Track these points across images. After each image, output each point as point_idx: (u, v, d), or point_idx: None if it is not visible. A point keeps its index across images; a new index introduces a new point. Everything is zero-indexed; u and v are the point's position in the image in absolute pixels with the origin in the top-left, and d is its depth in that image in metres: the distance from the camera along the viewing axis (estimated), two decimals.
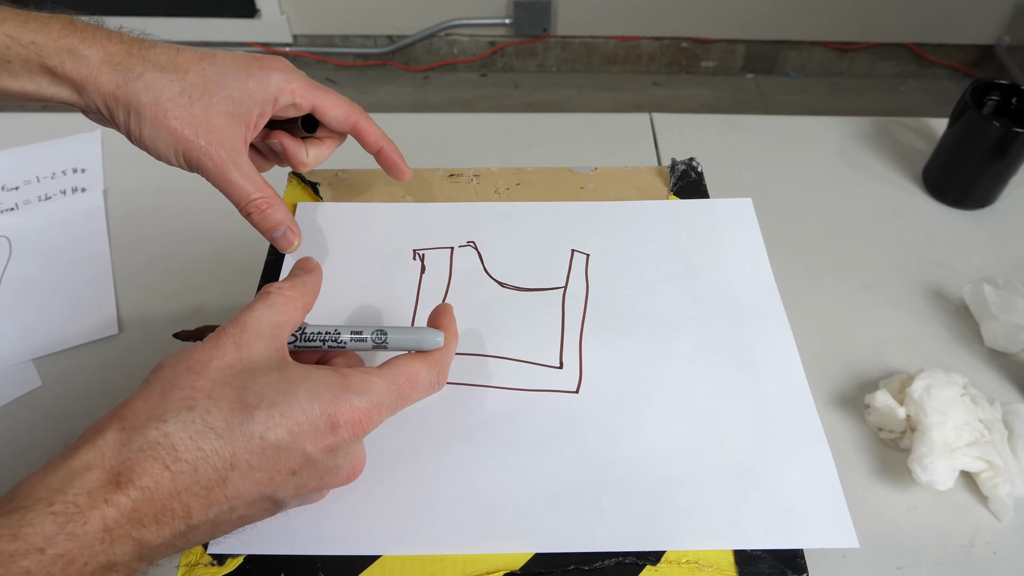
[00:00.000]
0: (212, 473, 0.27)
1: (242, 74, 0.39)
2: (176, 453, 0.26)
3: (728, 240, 0.48)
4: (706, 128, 0.73)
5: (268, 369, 0.30)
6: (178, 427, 0.27)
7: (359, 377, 0.31)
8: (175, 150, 0.38)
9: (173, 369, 0.29)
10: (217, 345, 0.30)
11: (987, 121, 0.59)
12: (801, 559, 0.34)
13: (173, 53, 0.39)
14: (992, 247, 0.61)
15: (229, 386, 0.28)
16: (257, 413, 0.28)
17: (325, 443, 0.29)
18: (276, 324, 0.32)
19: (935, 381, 0.46)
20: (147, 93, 0.37)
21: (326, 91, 0.42)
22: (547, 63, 2.02)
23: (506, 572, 0.34)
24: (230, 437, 0.27)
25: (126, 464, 0.26)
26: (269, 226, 0.41)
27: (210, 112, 0.38)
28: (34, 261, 0.61)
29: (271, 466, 0.28)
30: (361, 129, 0.44)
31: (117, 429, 0.27)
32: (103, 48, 0.37)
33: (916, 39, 1.94)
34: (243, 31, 1.96)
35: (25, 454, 0.49)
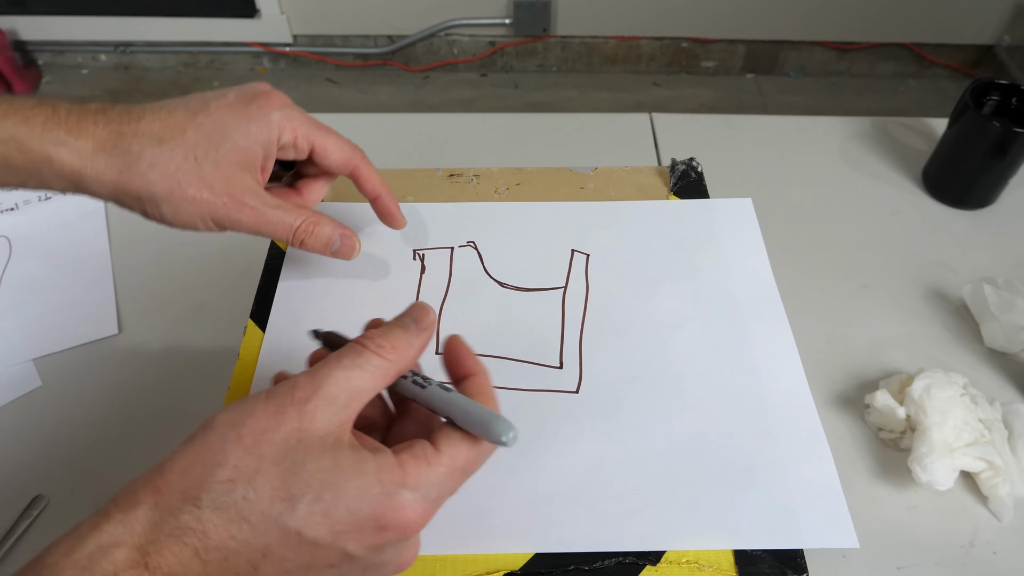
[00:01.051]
0: (243, 564, 0.26)
1: (241, 119, 0.38)
2: (208, 541, 0.25)
3: (728, 240, 0.48)
4: (706, 128, 0.73)
5: (322, 449, 0.27)
6: (212, 513, 0.25)
7: (416, 469, 0.28)
8: (200, 217, 0.37)
9: (223, 436, 0.27)
10: (278, 411, 0.27)
11: (987, 121, 0.59)
12: (801, 559, 0.34)
13: (164, 117, 0.37)
14: (992, 247, 0.61)
15: (278, 466, 0.26)
16: (299, 507, 0.26)
17: (369, 543, 0.27)
18: (356, 391, 0.28)
19: (935, 381, 0.46)
20: (153, 171, 0.36)
21: (327, 132, 0.40)
22: (547, 63, 2.02)
23: (506, 572, 0.34)
24: (266, 529, 0.26)
25: (156, 546, 0.25)
26: (323, 243, 0.40)
27: (221, 167, 0.37)
28: (34, 261, 0.61)
29: (306, 560, 0.26)
30: (360, 174, 0.42)
31: (151, 505, 0.25)
32: (92, 136, 0.35)
33: (916, 39, 1.94)
34: (243, 31, 1.96)
35: (25, 454, 0.49)
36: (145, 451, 0.49)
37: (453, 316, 0.44)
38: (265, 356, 0.42)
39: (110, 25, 1.93)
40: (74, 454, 0.49)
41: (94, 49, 2.02)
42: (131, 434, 0.50)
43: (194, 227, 0.38)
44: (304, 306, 0.44)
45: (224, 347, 0.52)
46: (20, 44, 1.98)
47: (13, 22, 1.92)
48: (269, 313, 0.44)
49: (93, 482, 0.47)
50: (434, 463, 0.28)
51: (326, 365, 0.28)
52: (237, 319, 0.46)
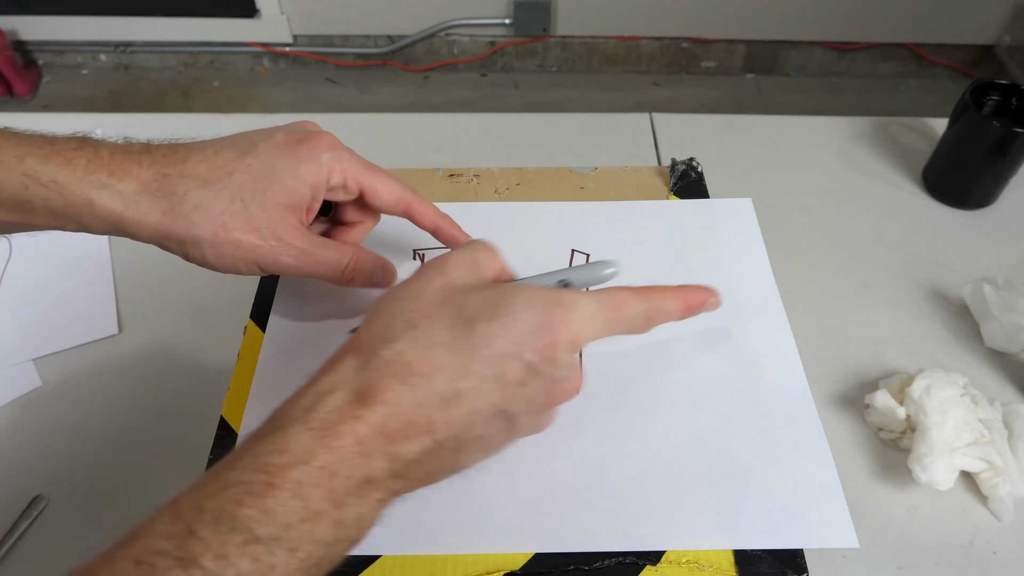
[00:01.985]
0: (446, 384, 0.28)
1: (291, 160, 0.37)
2: (410, 368, 0.27)
3: (728, 240, 0.48)
4: (706, 128, 0.73)
5: (478, 288, 0.31)
6: (407, 344, 0.28)
7: (570, 294, 0.31)
8: (244, 261, 0.36)
9: (387, 301, 0.30)
10: (422, 275, 0.31)
11: (987, 121, 0.59)
12: (801, 559, 0.34)
13: (211, 158, 0.36)
14: (992, 247, 0.61)
15: (445, 305, 0.29)
16: (478, 325, 0.29)
17: (544, 351, 0.29)
18: (474, 261, 0.32)
19: (935, 381, 0.46)
20: (197, 213, 0.35)
21: (376, 172, 0.40)
22: (547, 63, 2.02)
23: (506, 572, 0.34)
24: (457, 348, 0.28)
25: (367, 383, 0.27)
26: (367, 280, 0.40)
27: (267, 210, 0.36)
28: (34, 261, 0.61)
29: (500, 376, 0.28)
30: (414, 212, 0.41)
31: (352, 355, 0.28)
32: (135, 178, 0.35)
33: (916, 39, 1.94)
34: (243, 31, 1.96)
35: (25, 454, 0.49)
36: (145, 451, 0.49)
37: None
38: (265, 356, 0.42)
39: (110, 25, 1.93)
40: (74, 454, 0.49)
41: (94, 49, 2.02)
42: (131, 434, 0.50)
43: (236, 270, 0.37)
44: (304, 306, 0.44)
45: (224, 347, 0.52)
46: (20, 44, 1.98)
47: (13, 22, 1.92)
48: (269, 313, 0.44)
49: (93, 482, 0.47)
50: (581, 293, 0.31)
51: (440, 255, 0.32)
52: (237, 319, 0.46)
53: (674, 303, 0.35)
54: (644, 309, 0.33)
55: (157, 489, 0.47)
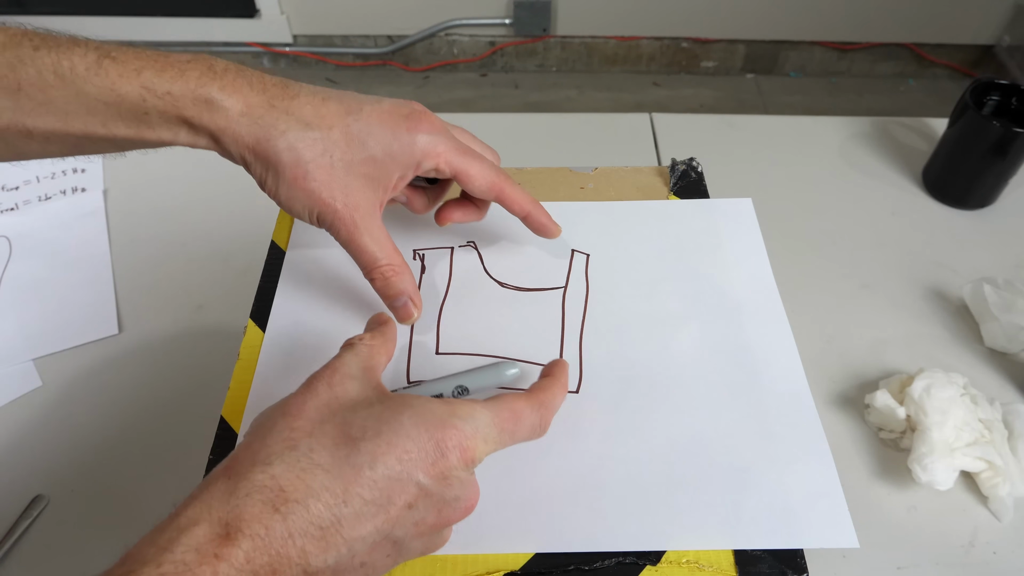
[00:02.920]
0: (325, 511, 0.25)
1: (388, 134, 0.37)
2: (284, 494, 0.25)
3: (728, 240, 0.48)
4: (706, 128, 0.73)
5: (368, 403, 0.29)
6: (284, 467, 0.26)
7: (463, 405, 0.30)
8: (310, 211, 0.37)
9: (269, 418, 0.28)
10: (309, 388, 0.29)
11: (987, 121, 0.59)
12: (801, 559, 0.34)
13: (318, 105, 0.37)
14: (992, 247, 0.61)
15: (329, 423, 0.28)
16: (363, 444, 0.27)
17: (436, 470, 0.28)
18: (366, 368, 0.31)
19: (935, 381, 0.46)
20: (289, 153, 0.35)
21: (472, 157, 0.40)
22: (547, 63, 2.02)
23: (506, 572, 0.34)
24: (339, 471, 0.26)
25: (234, 512, 0.24)
26: (392, 294, 0.40)
27: (350, 174, 0.37)
28: (34, 261, 0.61)
29: (385, 499, 0.27)
30: (506, 197, 0.41)
31: (223, 478, 0.26)
32: (243, 99, 0.35)
33: (916, 39, 1.94)
34: (243, 31, 1.96)
35: (25, 454, 0.49)
36: (145, 451, 0.49)
37: (453, 316, 0.44)
38: (265, 356, 0.42)
39: (110, 25, 1.93)
40: (74, 454, 0.49)
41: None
42: (131, 434, 0.50)
43: (299, 216, 0.38)
44: (304, 306, 0.44)
45: (224, 347, 0.52)
46: None
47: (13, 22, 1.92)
48: (269, 313, 0.44)
49: (93, 482, 0.47)
50: (478, 404, 0.30)
51: (331, 361, 0.31)
52: (237, 319, 0.46)
53: (562, 395, 0.34)
54: (538, 418, 0.32)
55: (157, 489, 0.48)
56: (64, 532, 0.45)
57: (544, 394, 0.33)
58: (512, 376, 0.34)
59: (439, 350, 0.42)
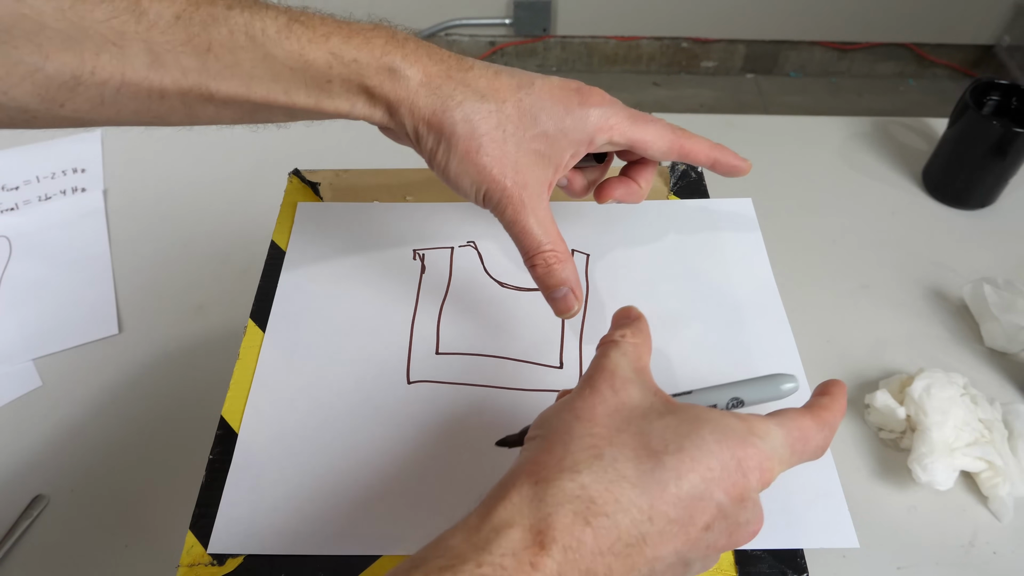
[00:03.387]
0: (632, 528, 0.24)
1: (559, 109, 0.36)
2: (595, 506, 0.24)
3: (728, 240, 0.48)
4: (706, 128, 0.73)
5: (659, 413, 0.27)
6: (592, 477, 0.25)
7: (760, 422, 0.28)
8: (478, 187, 0.36)
9: (561, 419, 0.27)
10: (594, 391, 0.28)
11: (987, 121, 0.59)
12: (801, 559, 0.34)
13: (491, 77, 0.36)
14: (992, 247, 0.61)
15: (626, 432, 0.26)
16: (667, 459, 0.25)
17: (736, 490, 0.26)
18: (638, 369, 0.30)
19: (935, 381, 0.46)
20: (464, 124, 0.35)
21: (645, 122, 0.38)
22: (547, 63, 2.02)
23: None
24: (645, 486, 0.25)
25: (546, 521, 0.24)
26: (554, 283, 0.38)
27: (521, 150, 0.36)
28: (34, 261, 0.61)
29: (687, 519, 0.25)
30: (689, 151, 0.40)
31: (530, 483, 0.25)
32: (424, 68, 0.34)
33: (916, 39, 1.94)
34: None
35: (25, 454, 0.49)
36: (145, 451, 0.49)
37: (453, 316, 0.44)
38: (265, 356, 0.42)
39: None
40: (74, 454, 0.49)
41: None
42: (131, 434, 0.50)
43: (466, 193, 0.37)
44: (304, 306, 0.44)
45: (224, 347, 0.52)
46: None
47: None
48: (269, 313, 0.44)
49: (93, 482, 0.47)
50: (772, 422, 0.28)
51: (598, 361, 0.30)
52: (237, 319, 0.46)
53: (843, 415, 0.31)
54: (823, 439, 0.29)
55: (157, 489, 0.48)
56: (64, 532, 0.45)
57: (828, 414, 0.30)
58: (789, 391, 0.32)
59: (439, 350, 0.42)
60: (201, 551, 0.33)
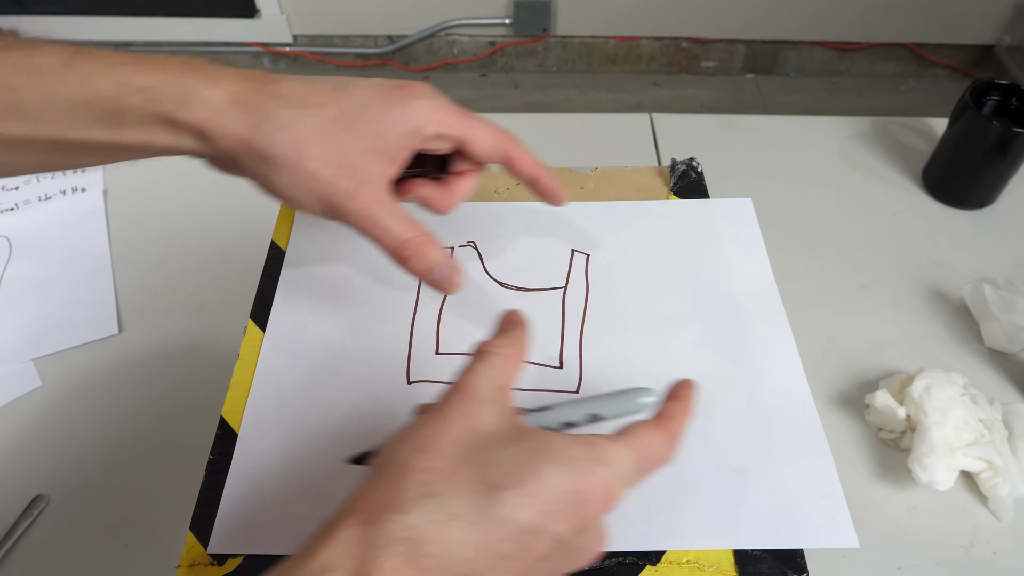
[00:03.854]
0: (461, 567, 0.24)
1: (382, 104, 0.35)
2: (421, 548, 0.23)
3: (728, 240, 0.48)
4: (706, 128, 0.73)
5: (507, 441, 0.27)
6: (421, 518, 0.24)
7: (606, 447, 0.27)
8: (315, 195, 0.34)
9: (401, 451, 0.26)
10: (443, 416, 0.27)
11: (987, 121, 0.59)
12: (801, 559, 0.34)
13: (304, 86, 0.35)
14: (992, 247, 0.61)
15: (467, 463, 0.26)
16: (503, 494, 0.25)
17: (576, 522, 0.26)
18: (500, 388, 0.29)
19: (935, 381, 0.46)
20: (281, 133, 0.33)
21: (473, 119, 0.37)
22: (547, 63, 2.02)
23: None
24: (478, 524, 0.24)
25: (369, 566, 0.23)
26: (427, 267, 0.36)
27: (350, 149, 0.34)
28: (34, 261, 0.61)
29: (523, 552, 0.25)
30: (514, 159, 0.38)
31: (355, 524, 0.24)
32: (228, 87, 0.33)
33: (916, 39, 1.94)
34: (243, 31, 1.96)
35: (25, 454, 0.49)
36: (145, 451, 0.49)
37: (453, 316, 0.44)
38: (265, 356, 0.42)
39: (110, 25, 1.93)
40: (74, 454, 0.49)
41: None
42: (131, 434, 0.50)
43: (305, 207, 0.35)
44: (304, 306, 0.44)
45: (224, 347, 0.52)
46: None
47: (13, 22, 1.92)
48: (269, 313, 0.44)
49: (93, 482, 0.47)
50: (619, 442, 0.28)
51: (462, 376, 0.29)
52: (237, 319, 0.46)
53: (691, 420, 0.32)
54: (671, 449, 0.30)
55: (157, 489, 0.48)
56: (64, 532, 0.45)
57: (674, 423, 0.30)
58: (645, 405, 0.31)
59: (439, 350, 0.42)
60: (201, 551, 0.33)
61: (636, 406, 0.31)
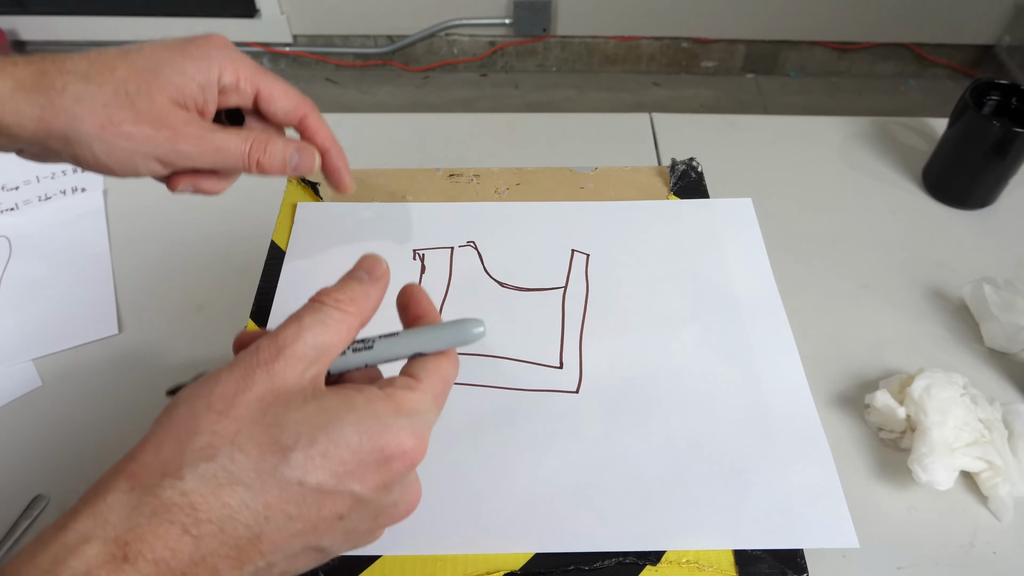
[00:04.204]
0: (242, 530, 0.23)
1: (178, 57, 0.34)
2: (197, 513, 0.22)
3: (728, 240, 0.48)
4: (706, 128, 0.73)
5: (303, 399, 0.25)
6: (197, 483, 0.23)
7: (407, 398, 0.26)
8: (141, 155, 0.33)
9: (191, 408, 0.24)
10: (245, 374, 0.25)
11: (987, 121, 0.59)
12: (801, 559, 0.34)
13: (93, 57, 0.34)
14: (992, 247, 0.61)
15: (258, 425, 0.24)
16: (293, 455, 0.24)
17: (377, 480, 0.25)
18: (323, 346, 0.27)
19: (935, 381, 0.46)
20: (79, 105, 0.32)
21: (273, 78, 0.37)
22: (547, 63, 2.02)
23: (506, 572, 0.34)
24: (261, 486, 0.23)
25: (135, 532, 0.22)
26: (280, 162, 0.36)
27: (156, 102, 0.33)
28: (34, 261, 0.61)
29: (313, 514, 0.24)
30: (308, 125, 0.38)
31: (124, 489, 0.23)
32: (10, 76, 0.32)
33: (916, 39, 1.94)
34: (243, 31, 1.96)
35: (25, 454, 0.49)
36: None
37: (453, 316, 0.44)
38: None
39: (110, 25, 1.93)
40: (74, 454, 0.49)
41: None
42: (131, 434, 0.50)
43: (134, 170, 0.34)
44: None
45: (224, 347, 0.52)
46: (20, 44, 1.98)
47: (13, 22, 1.92)
48: (269, 313, 0.44)
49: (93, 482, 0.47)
50: (419, 389, 0.27)
51: (287, 326, 0.26)
52: (237, 319, 0.46)
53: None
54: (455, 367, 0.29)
55: None
56: None
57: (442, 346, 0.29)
58: (478, 336, 0.29)
59: None
60: None
61: (469, 337, 0.29)
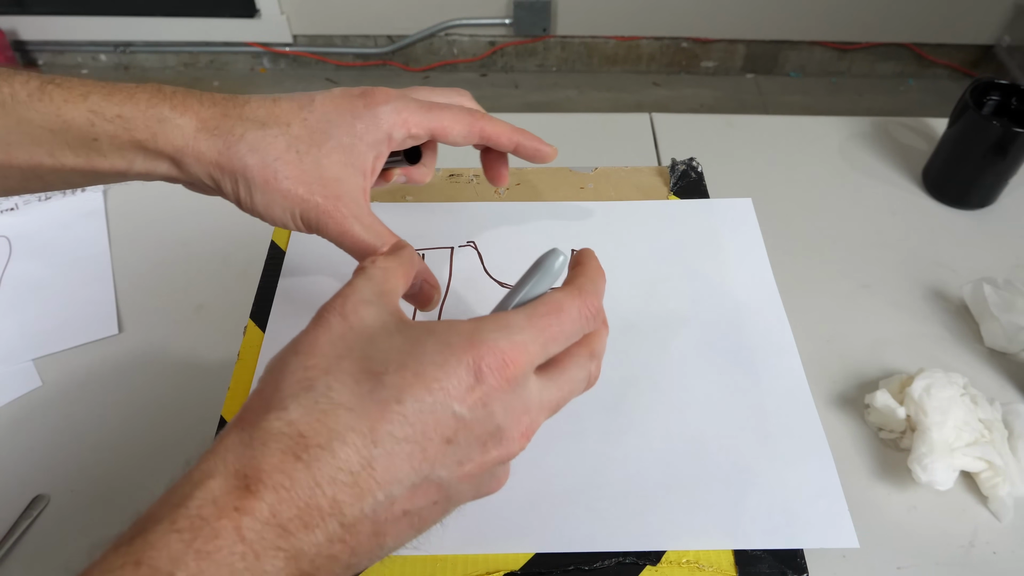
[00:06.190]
0: (353, 454, 0.23)
1: (347, 117, 0.36)
2: (305, 439, 0.23)
3: (728, 240, 0.48)
4: (706, 128, 0.73)
5: (387, 334, 0.26)
6: (301, 411, 0.24)
7: (491, 318, 0.27)
8: (291, 213, 0.35)
9: (281, 359, 0.26)
10: (320, 321, 0.27)
11: (987, 121, 0.59)
12: (801, 559, 0.34)
13: (270, 106, 0.35)
14: (992, 247, 0.61)
15: (346, 358, 0.25)
16: (386, 378, 0.24)
17: (474, 396, 0.25)
18: (381, 292, 0.29)
19: (935, 381, 0.46)
20: (252, 155, 0.34)
21: (440, 109, 0.38)
22: (547, 63, 2.02)
23: (506, 572, 0.34)
24: (363, 409, 0.24)
25: (252, 464, 0.23)
26: None
27: (321, 165, 0.35)
28: (34, 261, 0.61)
29: (419, 435, 0.24)
30: (489, 136, 0.39)
31: (237, 431, 0.24)
32: (196, 114, 0.34)
33: (916, 39, 1.94)
34: (243, 31, 1.96)
35: (25, 454, 0.49)
36: (145, 451, 0.49)
37: (453, 316, 0.44)
38: (265, 356, 0.42)
39: (110, 25, 1.93)
40: (74, 454, 0.49)
41: (94, 49, 2.02)
42: (131, 434, 0.50)
43: (284, 223, 0.36)
44: (304, 306, 0.44)
45: (224, 347, 0.52)
46: (20, 44, 1.98)
47: (13, 22, 1.92)
48: (269, 313, 0.44)
49: (93, 482, 0.47)
50: (509, 312, 0.28)
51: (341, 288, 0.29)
52: (237, 319, 0.46)
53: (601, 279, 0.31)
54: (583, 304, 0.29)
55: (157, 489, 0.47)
56: (64, 532, 0.45)
57: (581, 279, 0.30)
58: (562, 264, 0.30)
59: None
60: None
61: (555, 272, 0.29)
